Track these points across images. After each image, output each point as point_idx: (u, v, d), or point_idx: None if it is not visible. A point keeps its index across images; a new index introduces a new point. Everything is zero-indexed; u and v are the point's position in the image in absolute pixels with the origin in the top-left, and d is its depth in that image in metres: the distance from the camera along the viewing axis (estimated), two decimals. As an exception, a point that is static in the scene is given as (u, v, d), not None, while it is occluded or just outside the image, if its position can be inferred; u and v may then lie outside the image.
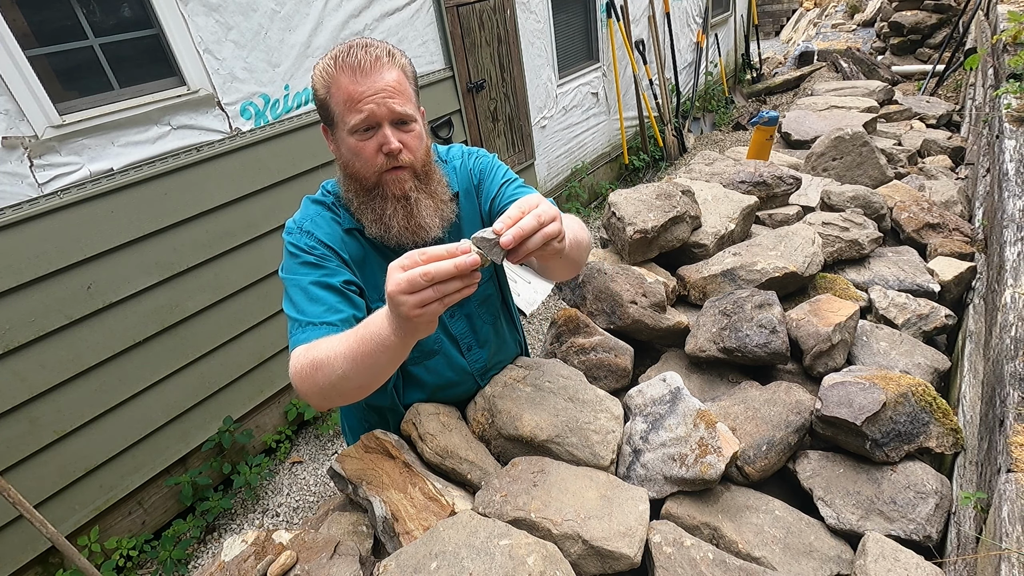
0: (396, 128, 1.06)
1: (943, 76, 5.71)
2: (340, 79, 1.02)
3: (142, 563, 2.80)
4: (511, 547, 0.95)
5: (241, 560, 1.03)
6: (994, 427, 1.02)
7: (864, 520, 1.05)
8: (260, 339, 3.19)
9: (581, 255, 1.15)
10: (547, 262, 0.90)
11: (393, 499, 1.11)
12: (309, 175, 3.24)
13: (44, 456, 2.47)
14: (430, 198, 1.15)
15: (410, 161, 1.09)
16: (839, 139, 2.45)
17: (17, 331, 2.33)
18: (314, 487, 3.17)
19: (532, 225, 0.79)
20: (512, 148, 4.94)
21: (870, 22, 9.53)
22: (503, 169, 1.29)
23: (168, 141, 2.65)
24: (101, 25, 2.46)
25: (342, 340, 0.93)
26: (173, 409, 2.88)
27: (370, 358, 0.89)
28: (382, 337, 0.86)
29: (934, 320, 1.51)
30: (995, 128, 2.10)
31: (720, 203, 1.94)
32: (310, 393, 0.98)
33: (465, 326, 1.33)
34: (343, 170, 1.13)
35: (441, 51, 4.06)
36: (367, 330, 0.89)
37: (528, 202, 0.82)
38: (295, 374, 0.99)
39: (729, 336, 1.38)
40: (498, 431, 1.26)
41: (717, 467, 1.06)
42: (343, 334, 0.95)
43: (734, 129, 7.63)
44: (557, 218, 0.83)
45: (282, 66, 3.04)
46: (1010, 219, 1.51)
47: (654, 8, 6.52)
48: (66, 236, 2.40)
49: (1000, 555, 0.77)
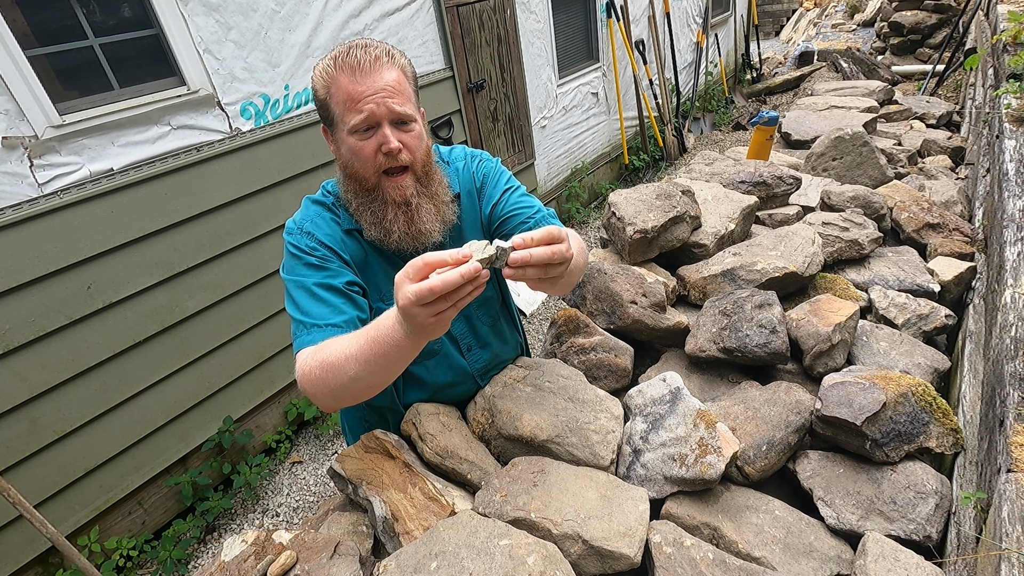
0: (396, 128, 1.06)
1: (943, 76, 5.71)
2: (340, 79, 1.03)
3: (142, 563, 2.80)
4: (511, 547, 0.95)
5: (241, 560, 1.03)
6: (994, 427, 1.02)
7: (864, 520, 1.05)
8: (260, 339, 3.19)
9: (572, 280, 1.14)
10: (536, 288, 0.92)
11: (393, 499, 1.11)
12: (309, 175, 3.24)
13: (44, 456, 2.47)
14: (431, 201, 1.15)
15: (409, 161, 1.09)
16: (839, 139, 2.45)
17: (17, 331, 2.32)
18: (314, 487, 3.17)
19: (543, 257, 0.81)
20: (512, 148, 4.94)
21: (870, 22, 9.52)
22: (506, 175, 1.29)
23: (168, 141, 2.65)
24: (101, 25, 2.46)
25: (352, 342, 0.93)
26: (173, 409, 2.88)
27: (383, 359, 0.90)
28: (394, 339, 0.86)
29: (934, 320, 1.51)
30: (995, 128, 2.10)
31: (720, 203, 1.94)
32: (320, 395, 0.98)
33: (465, 327, 1.33)
34: (343, 170, 1.13)
35: (441, 51, 4.06)
36: (377, 332, 0.89)
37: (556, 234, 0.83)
38: (303, 376, 0.99)
39: (729, 336, 1.38)
40: (498, 431, 1.26)
41: (717, 467, 1.06)
42: (351, 335, 0.95)
43: (734, 129, 7.63)
44: (566, 262, 0.84)
45: (282, 66, 3.04)
46: (1010, 219, 1.51)
47: (654, 8, 6.52)
48: (66, 236, 2.40)
49: (1000, 555, 0.77)
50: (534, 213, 1.23)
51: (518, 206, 1.24)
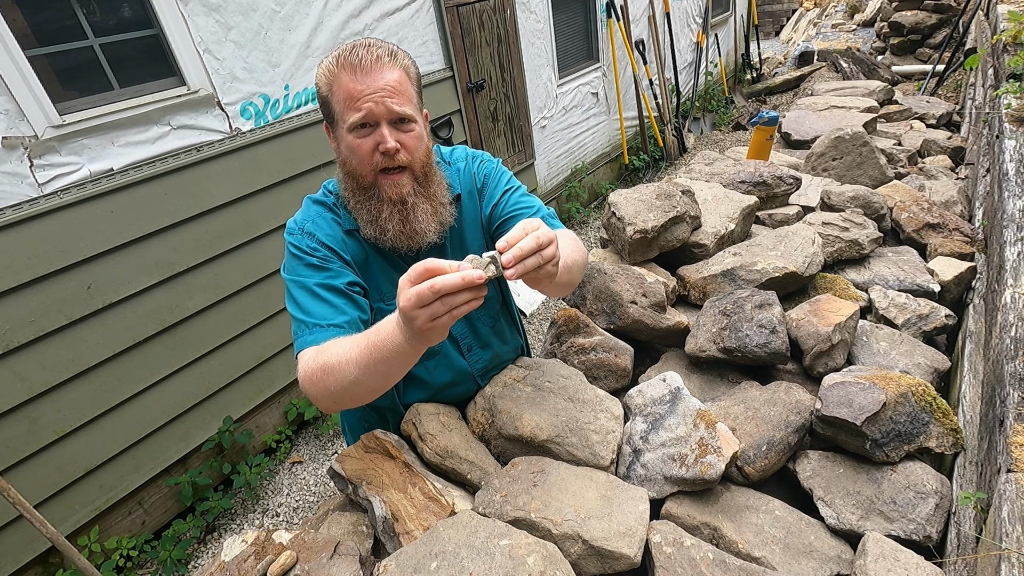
0: (394, 128, 1.07)
1: (943, 76, 5.71)
2: (341, 77, 1.03)
3: (142, 563, 2.80)
4: (511, 547, 0.95)
5: (241, 560, 1.03)
6: (994, 427, 1.02)
7: (864, 520, 1.05)
8: (260, 339, 3.19)
9: (574, 277, 1.15)
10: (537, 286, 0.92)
11: (393, 499, 1.11)
12: (309, 175, 3.24)
13: (44, 456, 2.47)
14: (428, 202, 1.15)
15: (408, 162, 1.09)
16: (839, 139, 2.45)
17: (17, 331, 2.33)
18: (314, 487, 3.17)
19: (531, 246, 0.82)
20: (512, 148, 4.94)
21: (870, 22, 9.53)
22: (507, 176, 1.30)
23: (168, 141, 2.65)
24: (101, 25, 2.46)
25: (352, 346, 0.94)
26: (173, 409, 2.88)
27: (383, 364, 0.90)
28: (394, 344, 0.87)
29: (934, 320, 1.51)
30: (995, 128, 2.10)
31: (720, 203, 1.94)
32: (320, 396, 0.99)
33: (465, 327, 1.33)
34: (342, 168, 1.13)
35: (441, 51, 4.06)
36: (378, 337, 0.90)
37: (530, 224, 0.85)
38: (305, 378, 0.99)
39: (729, 336, 1.38)
40: (498, 431, 1.26)
41: (717, 467, 1.06)
42: (352, 338, 0.96)
43: (734, 129, 7.63)
44: (554, 242, 0.85)
45: (282, 66, 3.04)
46: (1010, 219, 1.51)
47: (654, 8, 6.52)
48: (66, 236, 2.40)
49: (1000, 555, 0.77)
50: (533, 213, 1.23)
51: (518, 206, 1.24)
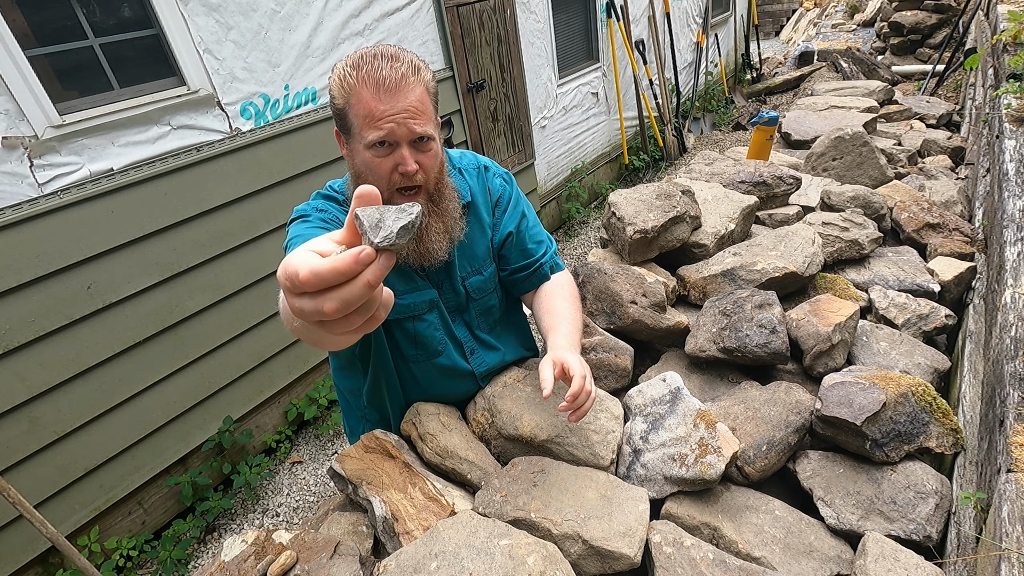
0: (414, 148, 1.04)
1: (943, 76, 5.70)
2: (362, 93, 0.99)
3: (142, 563, 2.80)
4: (511, 547, 0.95)
5: (241, 560, 1.03)
6: (994, 427, 1.02)
7: (864, 520, 1.05)
8: (260, 339, 3.19)
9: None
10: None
11: (393, 499, 1.11)
12: (309, 175, 3.24)
13: (44, 456, 2.47)
14: (440, 219, 1.14)
15: (423, 181, 1.08)
16: (839, 139, 2.45)
17: (17, 331, 2.32)
18: (314, 487, 3.17)
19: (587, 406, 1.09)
20: (512, 148, 4.94)
21: (870, 22, 9.52)
22: (522, 201, 1.34)
23: (168, 141, 2.65)
24: (101, 25, 2.45)
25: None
26: (173, 409, 2.88)
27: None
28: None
29: (934, 320, 1.51)
30: (995, 128, 2.10)
31: (720, 203, 1.94)
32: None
33: (465, 331, 1.33)
34: (355, 179, 1.11)
35: (441, 51, 4.06)
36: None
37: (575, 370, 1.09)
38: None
39: (729, 336, 1.38)
40: (498, 431, 1.26)
41: (717, 467, 1.06)
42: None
43: (734, 129, 7.63)
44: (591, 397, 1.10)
45: (282, 66, 3.04)
46: (1010, 219, 1.51)
47: (654, 8, 6.52)
48: (66, 236, 2.40)
49: (1000, 555, 0.77)
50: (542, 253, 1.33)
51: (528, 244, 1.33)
